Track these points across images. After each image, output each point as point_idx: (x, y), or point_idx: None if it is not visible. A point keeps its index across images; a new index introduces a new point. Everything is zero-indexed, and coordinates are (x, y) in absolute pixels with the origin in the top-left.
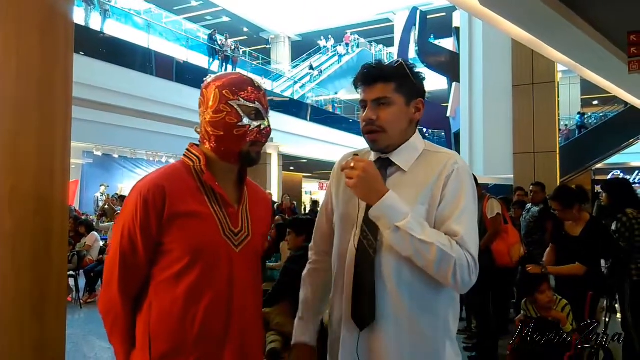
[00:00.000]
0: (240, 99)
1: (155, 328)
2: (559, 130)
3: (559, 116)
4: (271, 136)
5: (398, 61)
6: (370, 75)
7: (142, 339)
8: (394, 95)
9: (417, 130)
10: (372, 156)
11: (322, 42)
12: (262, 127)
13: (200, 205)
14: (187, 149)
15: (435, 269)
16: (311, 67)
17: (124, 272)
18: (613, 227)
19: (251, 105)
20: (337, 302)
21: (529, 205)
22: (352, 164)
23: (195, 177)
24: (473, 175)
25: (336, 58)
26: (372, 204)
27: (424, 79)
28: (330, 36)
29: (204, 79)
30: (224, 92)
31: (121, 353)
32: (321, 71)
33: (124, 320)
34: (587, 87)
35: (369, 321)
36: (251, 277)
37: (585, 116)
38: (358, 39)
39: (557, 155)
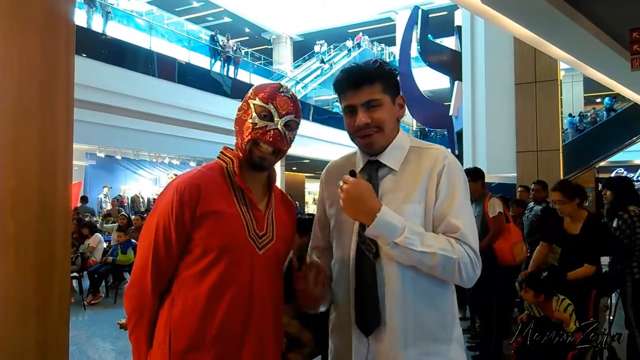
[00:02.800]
0: (257, 99)
1: (176, 324)
2: (563, 120)
3: (562, 114)
4: None
5: (376, 61)
6: (355, 79)
7: (162, 335)
8: (382, 95)
9: (400, 128)
10: (360, 161)
11: (317, 47)
12: (269, 127)
13: (229, 205)
14: (221, 152)
15: (440, 272)
16: (322, 61)
17: (156, 266)
18: (614, 224)
19: (263, 105)
20: (340, 309)
21: (531, 204)
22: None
23: (227, 178)
24: (481, 170)
25: (345, 52)
26: (366, 224)
27: (398, 74)
28: (324, 41)
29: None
30: (251, 92)
31: (141, 347)
32: (332, 64)
33: (151, 314)
34: (590, 84)
35: (374, 327)
36: (272, 280)
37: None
38: (368, 40)
39: (561, 154)
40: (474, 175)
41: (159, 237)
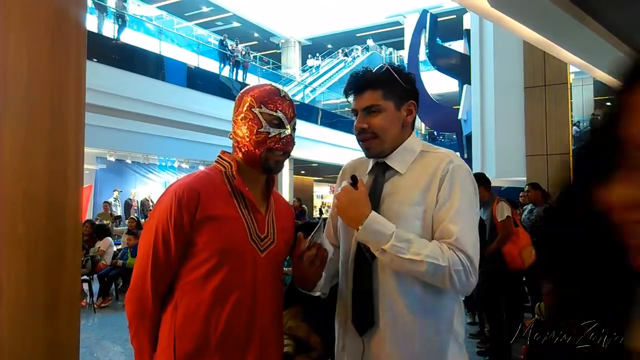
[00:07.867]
0: (263, 107)
1: (180, 329)
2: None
3: (572, 118)
4: None
5: (384, 67)
6: (358, 84)
7: (166, 340)
8: (383, 102)
9: (413, 132)
10: (370, 162)
11: (310, 62)
12: (282, 135)
13: (230, 209)
14: (219, 156)
15: (430, 279)
16: (345, 54)
17: (155, 270)
18: None
19: (272, 113)
20: (340, 307)
21: (533, 207)
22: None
23: (226, 182)
24: (485, 176)
25: (361, 50)
26: (355, 229)
27: (414, 80)
28: (318, 54)
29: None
30: (250, 99)
31: (144, 353)
32: (353, 58)
33: (152, 319)
34: (600, 88)
35: (368, 326)
36: (273, 283)
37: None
38: (391, 51)
39: (571, 157)
40: (479, 180)
41: (158, 242)
